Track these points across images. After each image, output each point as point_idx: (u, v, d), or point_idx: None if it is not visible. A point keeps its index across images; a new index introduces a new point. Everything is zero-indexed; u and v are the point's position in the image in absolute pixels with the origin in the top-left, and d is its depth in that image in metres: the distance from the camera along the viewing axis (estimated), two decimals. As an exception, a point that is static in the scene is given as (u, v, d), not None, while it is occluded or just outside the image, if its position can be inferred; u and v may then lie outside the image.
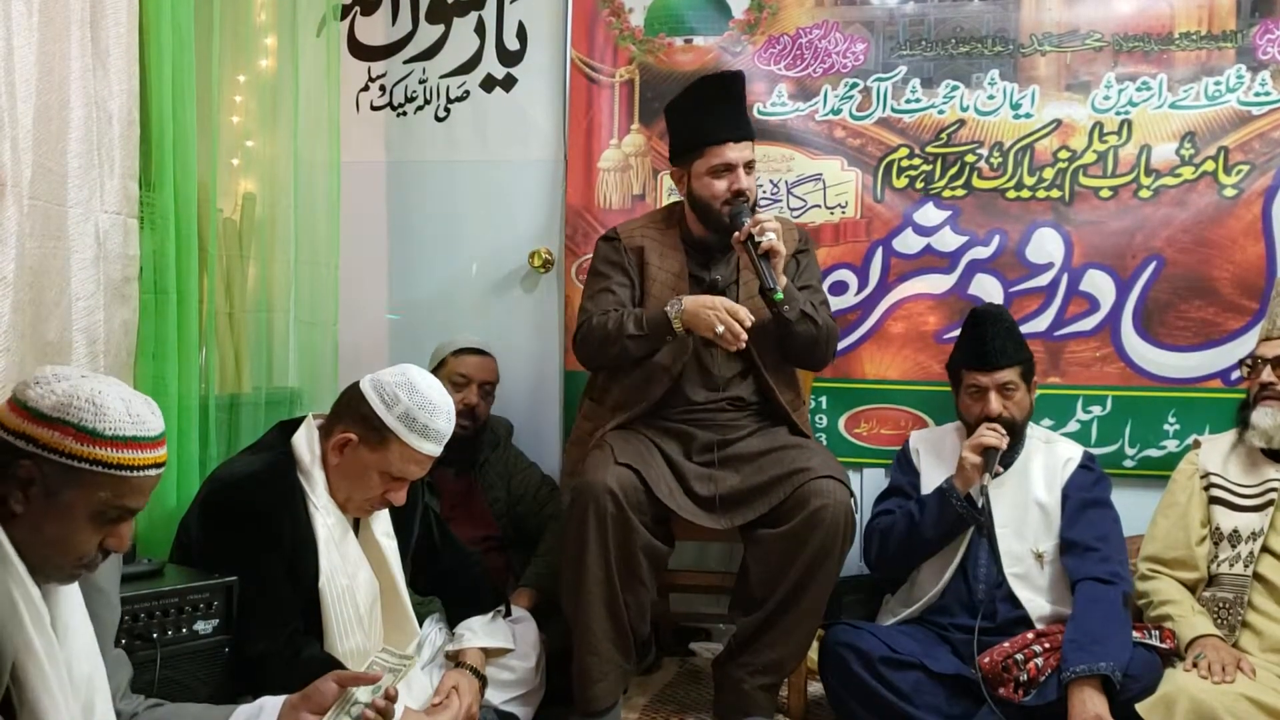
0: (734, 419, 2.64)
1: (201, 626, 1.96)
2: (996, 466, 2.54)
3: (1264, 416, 2.45)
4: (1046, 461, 2.65)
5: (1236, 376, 2.75)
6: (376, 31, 3.49)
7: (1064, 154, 3.10)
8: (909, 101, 3.17)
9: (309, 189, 2.97)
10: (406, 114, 3.49)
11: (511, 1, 3.40)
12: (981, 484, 2.54)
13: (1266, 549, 2.39)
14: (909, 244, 3.17)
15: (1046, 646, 2.38)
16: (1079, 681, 2.26)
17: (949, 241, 3.15)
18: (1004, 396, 2.61)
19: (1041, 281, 3.11)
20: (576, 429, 2.74)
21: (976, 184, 3.14)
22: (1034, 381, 2.70)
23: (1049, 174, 3.10)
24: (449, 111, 3.47)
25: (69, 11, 2.00)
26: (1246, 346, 2.81)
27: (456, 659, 2.29)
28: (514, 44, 3.42)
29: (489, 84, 3.44)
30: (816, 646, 2.57)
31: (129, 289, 2.21)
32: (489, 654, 2.33)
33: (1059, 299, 3.09)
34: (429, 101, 3.48)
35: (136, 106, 2.21)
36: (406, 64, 3.48)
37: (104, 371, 2.01)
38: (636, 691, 2.83)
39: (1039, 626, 2.47)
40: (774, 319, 2.57)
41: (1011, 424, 2.59)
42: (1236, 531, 2.45)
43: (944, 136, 3.15)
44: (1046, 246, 3.10)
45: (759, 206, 2.75)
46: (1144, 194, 3.05)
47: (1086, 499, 2.59)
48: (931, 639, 2.54)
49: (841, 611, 2.70)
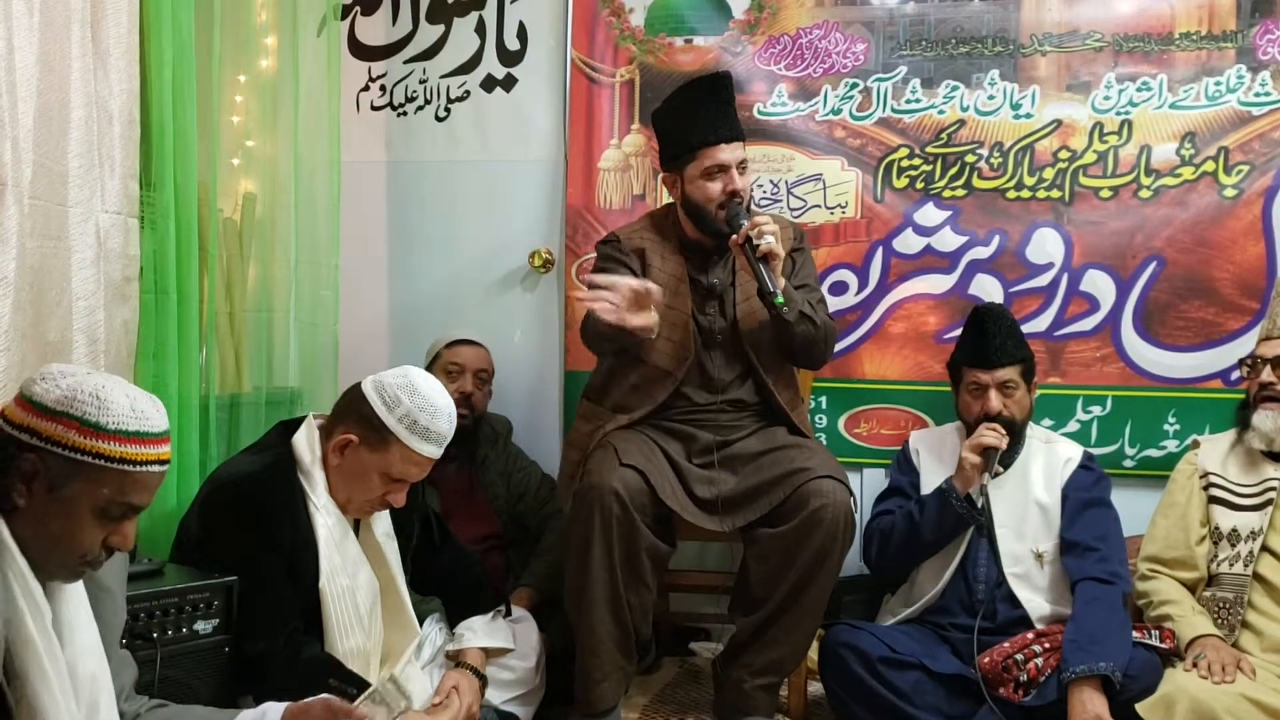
0: (734, 419, 2.64)
1: (202, 626, 1.96)
2: (996, 466, 2.54)
3: (1265, 419, 2.45)
4: (1046, 461, 2.65)
5: (1236, 377, 2.75)
6: (377, 31, 3.49)
7: (1064, 154, 3.09)
8: (909, 102, 3.17)
9: (309, 189, 2.97)
10: (407, 114, 3.49)
11: (512, 1, 3.40)
12: (981, 484, 2.54)
13: (1266, 548, 2.40)
14: (909, 244, 3.17)
15: (1046, 646, 2.38)
16: (1079, 681, 2.26)
17: (949, 241, 3.15)
18: (1004, 395, 2.61)
19: (1041, 281, 3.11)
20: (575, 430, 2.74)
21: (977, 184, 3.14)
22: (1034, 382, 2.70)
23: (1049, 174, 3.10)
24: (449, 111, 3.47)
25: (69, 11, 2.00)
26: (1246, 347, 2.81)
27: (457, 659, 2.29)
28: (514, 44, 3.42)
29: (489, 84, 3.44)
30: (816, 646, 2.57)
31: (129, 289, 2.21)
32: (489, 654, 2.33)
33: (1059, 299, 3.09)
34: (429, 101, 3.48)
35: (137, 106, 2.21)
36: (407, 64, 3.48)
37: (104, 371, 2.01)
38: (636, 691, 2.83)
39: (1039, 626, 2.48)
40: (773, 321, 2.56)
41: (1011, 423, 2.59)
42: (1236, 531, 2.45)
43: (944, 137, 3.15)
44: (1046, 246, 3.10)
45: (755, 206, 2.75)
46: (1144, 194, 3.05)
47: (1086, 499, 2.59)
48: (931, 639, 2.54)
49: (841, 611, 2.69)
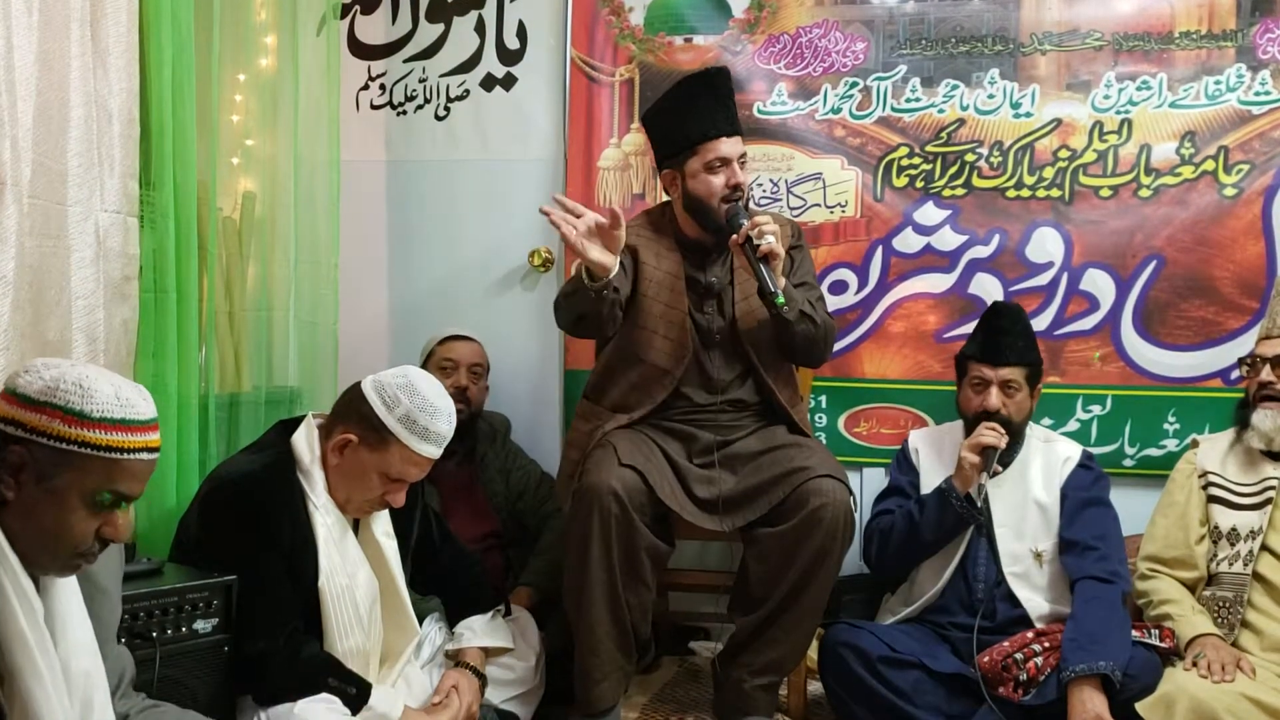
0: (734, 419, 2.64)
1: (201, 625, 1.96)
2: (995, 466, 2.53)
3: (1264, 419, 2.45)
4: (1045, 461, 2.65)
5: (1236, 376, 2.75)
6: (376, 30, 3.48)
7: (1064, 153, 3.09)
8: (909, 101, 3.17)
9: (309, 188, 2.96)
10: (406, 113, 3.49)
11: (511, 1, 3.40)
12: (980, 483, 2.54)
13: (1265, 548, 2.39)
14: (909, 243, 3.17)
15: (1046, 646, 2.38)
16: (1079, 681, 2.26)
17: (949, 241, 3.15)
18: (1004, 394, 2.59)
19: (1041, 281, 3.11)
20: (573, 430, 2.73)
21: (976, 183, 3.14)
22: (1038, 388, 2.68)
23: (1049, 173, 3.10)
24: (449, 110, 3.47)
25: (69, 10, 2.00)
26: (1246, 346, 2.81)
27: (456, 658, 2.30)
28: (514, 43, 3.42)
29: (489, 83, 3.44)
30: (816, 646, 2.57)
31: (129, 288, 2.21)
32: (489, 653, 2.34)
33: (1059, 298, 3.09)
34: (429, 100, 3.47)
35: (136, 105, 2.21)
36: (406, 63, 3.47)
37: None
38: (636, 690, 2.83)
39: (1038, 626, 2.48)
40: (773, 320, 2.56)
41: (1008, 423, 2.58)
42: (1235, 530, 2.45)
43: (944, 136, 3.15)
44: (1046, 246, 3.10)
45: (754, 206, 2.73)
46: (1144, 193, 3.05)
47: (1085, 498, 2.59)
48: (931, 638, 2.54)
49: (841, 611, 2.69)
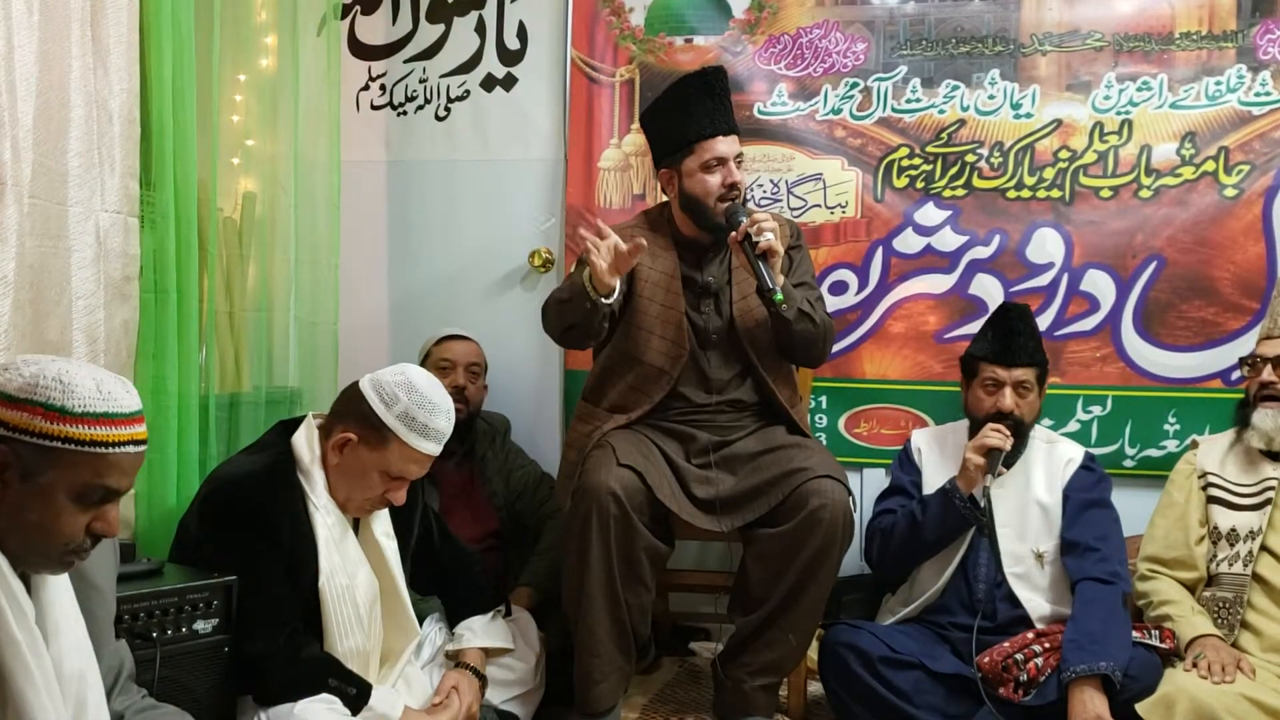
0: (733, 419, 2.63)
1: (201, 626, 1.96)
2: (1000, 468, 2.53)
3: (1265, 418, 2.45)
4: (1048, 462, 2.64)
5: (1237, 376, 2.75)
6: (377, 31, 3.49)
7: (1064, 154, 3.09)
8: (909, 101, 3.17)
9: (309, 188, 2.96)
10: (407, 113, 3.49)
11: (512, 1, 3.40)
12: (985, 485, 2.53)
13: (1265, 548, 2.39)
14: (909, 244, 3.17)
15: (1046, 646, 2.38)
16: (1079, 681, 2.26)
17: (949, 241, 3.15)
18: (1017, 395, 2.59)
19: (1042, 281, 3.11)
20: (572, 431, 2.73)
21: (977, 184, 3.14)
22: (1044, 388, 2.68)
23: (1049, 174, 3.10)
24: (449, 111, 3.47)
25: (69, 10, 2.00)
26: (1247, 346, 2.81)
27: (456, 659, 2.30)
28: (514, 43, 3.42)
29: (489, 83, 3.44)
30: (816, 646, 2.57)
31: (129, 288, 2.21)
32: (489, 653, 2.34)
33: (1059, 299, 3.09)
34: (429, 101, 3.47)
35: (137, 105, 2.21)
36: (407, 63, 3.47)
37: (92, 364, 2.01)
38: (636, 691, 2.83)
39: (1039, 626, 2.47)
40: (772, 319, 2.56)
41: (1019, 424, 2.58)
42: (1235, 531, 2.45)
43: (944, 136, 3.15)
44: (1047, 246, 3.10)
45: (752, 204, 2.73)
46: (1144, 194, 3.05)
47: (1087, 499, 2.59)
48: (931, 638, 2.54)
49: (841, 611, 2.69)
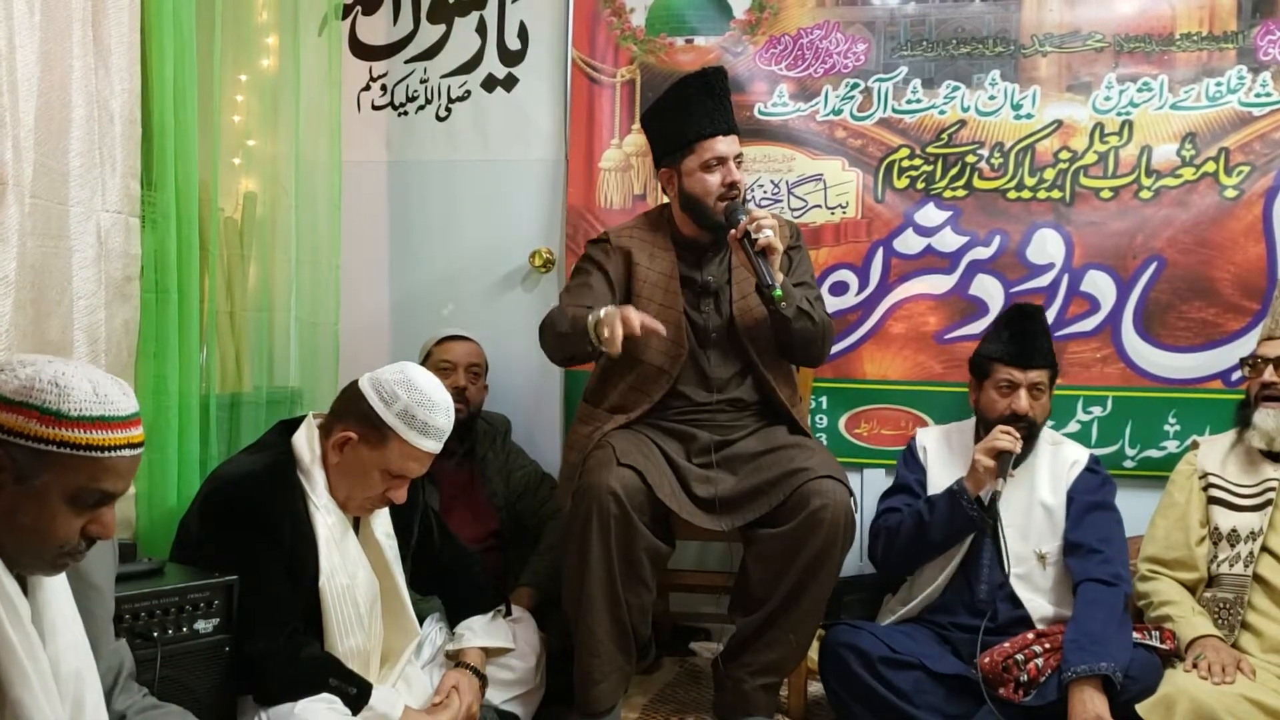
0: (734, 419, 2.64)
1: (202, 626, 1.96)
2: (1010, 470, 2.53)
3: (1266, 418, 2.45)
4: (1053, 463, 2.64)
5: (1238, 376, 2.75)
6: (378, 31, 3.49)
7: (1065, 155, 3.09)
8: (910, 102, 3.17)
9: (310, 188, 2.97)
10: (408, 113, 3.49)
11: (513, 1, 3.41)
12: (996, 489, 2.53)
13: (1266, 549, 2.40)
14: (910, 244, 3.17)
15: (1047, 647, 2.38)
16: (1079, 681, 2.26)
17: (950, 242, 3.15)
18: (1031, 397, 2.59)
19: (1042, 282, 3.11)
20: (573, 433, 2.73)
21: (977, 184, 3.14)
22: (1053, 389, 2.67)
23: (1050, 175, 3.10)
24: (450, 111, 3.47)
25: (70, 10, 2.00)
26: (1247, 347, 2.81)
27: (457, 658, 2.30)
28: (515, 44, 3.42)
29: (490, 84, 3.44)
30: (817, 646, 2.57)
31: (130, 288, 2.21)
32: (489, 653, 2.34)
33: (1059, 300, 3.09)
34: (430, 101, 3.48)
35: (138, 105, 2.21)
36: (408, 64, 3.48)
37: (105, 370, 2.01)
38: (636, 691, 2.83)
39: (1039, 627, 2.47)
40: (771, 316, 2.56)
41: (1032, 425, 2.58)
42: (1235, 531, 2.45)
43: (945, 137, 3.15)
44: (1047, 247, 3.10)
45: (752, 203, 2.74)
46: (1145, 195, 3.05)
47: (1091, 501, 2.58)
48: (931, 639, 2.54)
49: (842, 611, 2.69)
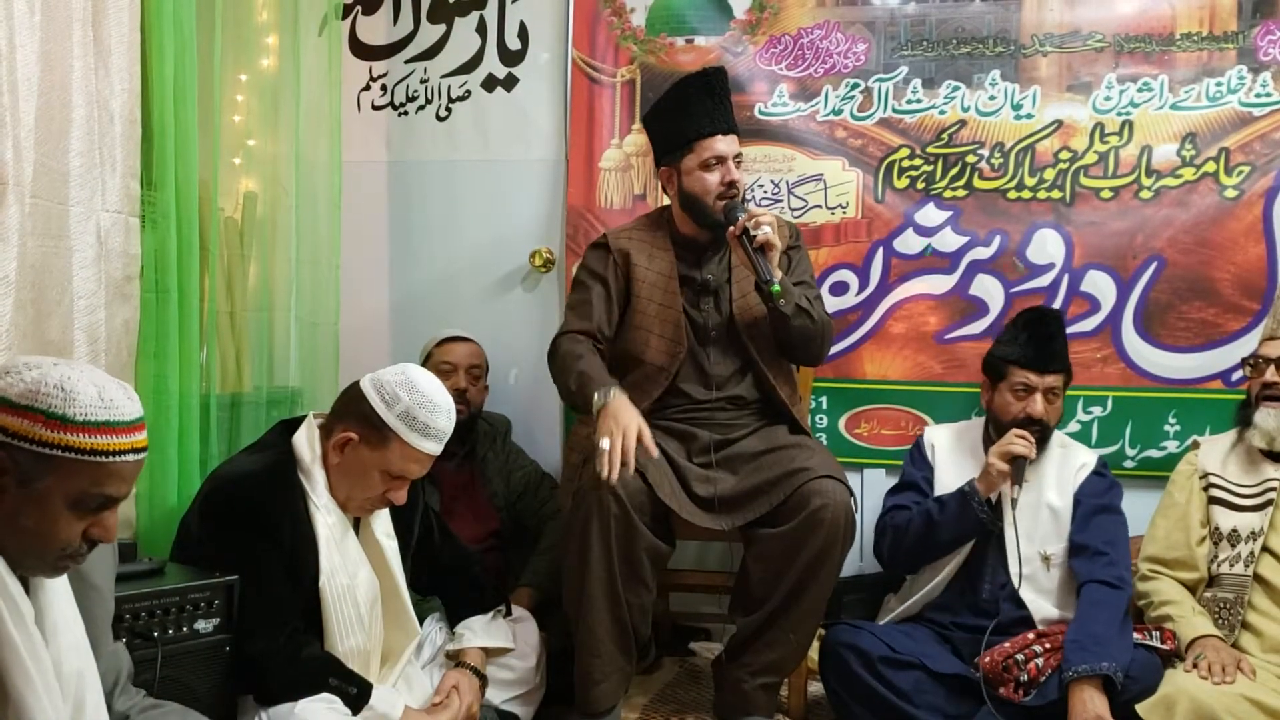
0: (734, 418, 2.64)
1: (202, 625, 1.96)
2: (1025, 475, 2.53)
3: (1267, 417, 2.45)
4: (1061, 465, 2.64)
5: (1239, 376, 2.75)
6: (378, 31, 3.49)
7: (1065, 155, 3.09)
8: (910, 102, 3.17)
9: (310, 188, 2.97)
10: (408, 113, 3.49)
11: (513, 1, 3.41)
12: (1013, 497, 2.53)
13: (1266, 549, 2.40)
14: (910, 244, 3.17)
15: (1047, 647, 2.38)
16: (1080, 681, 2.26)
17: (950, 242, 3.15)
18: (1046, 400, 2.58)
19: (1042, 282, 3.10)
20: (574, 434, 2.73)
21: (977, 184, 3.14)
22: (1065, 393, 2.67)
23: (1050, 175, 3.10)
24: (450, 111, 3.47)
25: (71, 10, 2.00)
26: (1247, 347, 2.81)
27: (457, 658, 2.30)
28: (515, 44, 3.42)
29: (490, 84, 3.44)
30: (817, 646, 2.57)
31: (130, 288, 2.21)
32: (489, 653, 2.34)
33: (1060, 300, 3.08)
34: (430, 101, 3.48)
35: (138, 105, 2.21)
36: (408, 63, 3.48)
37: (105, 370, 2.01)
38: (636, 691, 2.83)
39: (1040, 628, 2.48)
40: (770, 314, 2.57)
41: (1045, 429, 2.58)
42: (1236, 531, 2.45)
43: (945, 137, 3.15)
44: (1047, 247, 3.10)
45: (752, 202, 2.74)
46: (1145, 195, 3.05)
47: (1098, 504, 2.58)
48: (932, 639, 2.54)
49: (842, 611, 2.69)
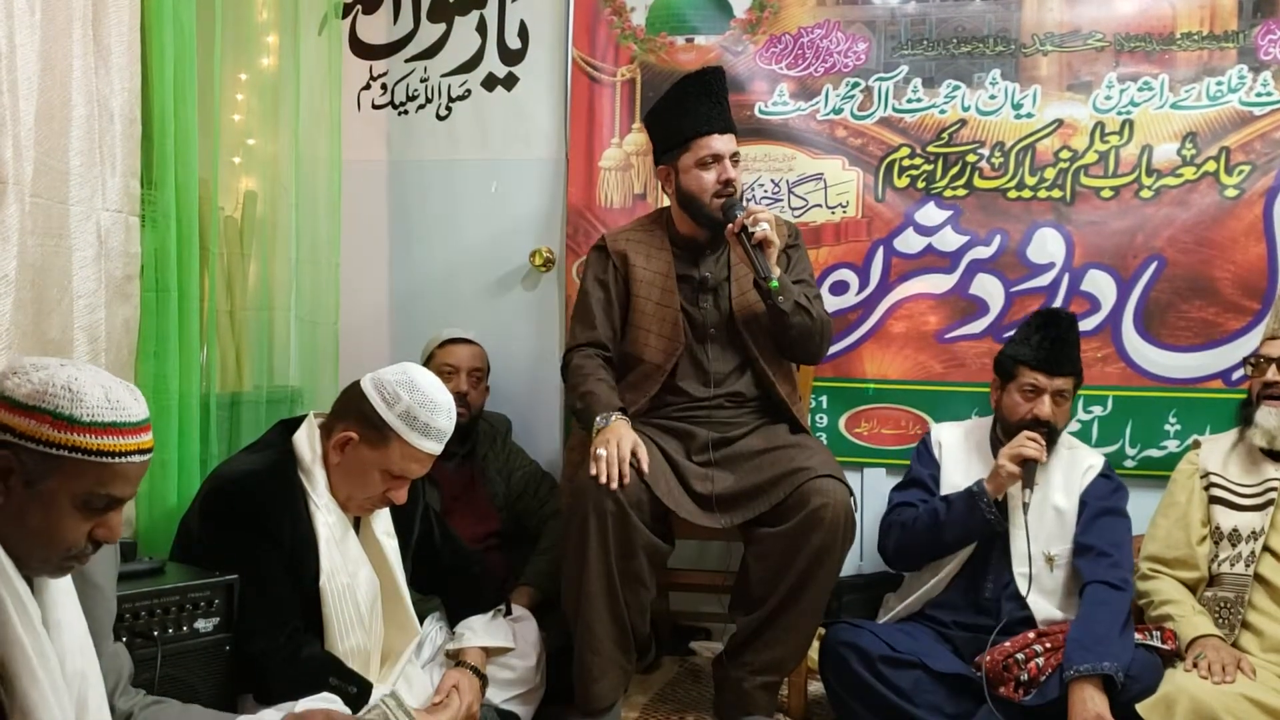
0: (733, 416, 2.64)
1: (202, 625, 1.96)
2: (1035, 479, 2.52)
3: (1268, 416, 2.45)
4: (1068, 467, 2.63)
5: (1238, 376, 2.75)
6: (378, 30, 3.49)
7: (1065, 154, 3.09)
8: (910, 101, 3.17)
9: (310, 187, 2.97)
10: (408, 113, 3.49)
11: (513, 0, 3.41)
12: (1024, 501, 2.53)
13: (1267, 549, 2.40)
14: (910, 244, 3.17)
15: (1047, 646, 2.38)
16: (1080, 680, 2.25)
17: (950, 241, 3.15)
18: (1055, 403, 2.58)
19: (1042, 282, 3.11)
20: (574, 435, 2.75)
21: (978, 184, 3.14)
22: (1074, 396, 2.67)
23: (1050, 174, 3.10)
24: (450, 110, 3.47)
25: (71, 9, 2.00)
26: (1247, 347, 2.81)
27: (457, 658, 2.29)
28: (515, 43, 3.42)
29: (490, 83, 3.44)
30: (817, 645, 2.58)
31: (130, 287, 2.21)
32: (489, 653, 2.34)
33: (1060, 299, 3.08)
34: (430, 100, 3.48)
35: (138, 104, 2.21)
36: (408, 63, 3.48)
37: (105, 370, 2.01)
38: (636, 690, 2.83)
39: (1041, 628, 2.48)
40: (769, 311, 2.57)
41: (1052, 431, 2.57)
42: (1236, 531, 2.45)
43: (945, 136, 3.15)
44: (1047, 246, 3.10)
45: (751, 201, 2.75)
46: (1145, 194, 3.05)
47: (1104, 507, 2.58)
48: (932, 638, 2.54)
49: (841, 611, 2.69)
